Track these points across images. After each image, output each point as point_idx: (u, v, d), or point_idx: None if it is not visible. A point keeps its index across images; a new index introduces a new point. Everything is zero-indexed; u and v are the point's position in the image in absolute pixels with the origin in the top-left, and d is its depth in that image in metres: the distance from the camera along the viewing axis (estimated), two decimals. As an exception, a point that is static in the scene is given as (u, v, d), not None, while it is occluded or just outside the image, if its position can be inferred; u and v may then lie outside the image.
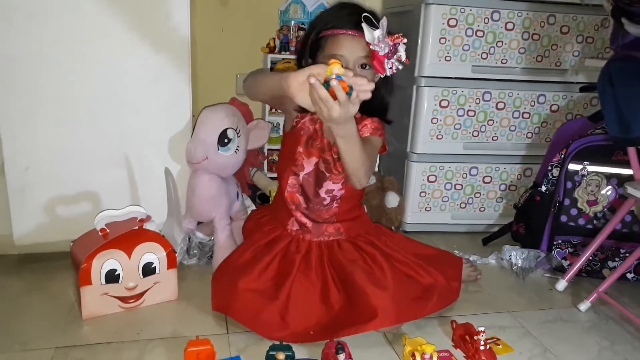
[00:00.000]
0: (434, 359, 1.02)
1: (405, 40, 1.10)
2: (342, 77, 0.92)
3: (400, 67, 1.12)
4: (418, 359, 1.02)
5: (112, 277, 1.20)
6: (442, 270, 1.29)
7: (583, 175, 1.52)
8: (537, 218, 1.60)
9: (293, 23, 1.95)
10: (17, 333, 1.13)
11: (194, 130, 1.42)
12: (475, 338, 1.09)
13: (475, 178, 1.80)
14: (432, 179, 1.77)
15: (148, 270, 1.25)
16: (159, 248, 1.26)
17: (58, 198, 1.43)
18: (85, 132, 1.40)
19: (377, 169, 1.92)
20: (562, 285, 1.45)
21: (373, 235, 1.32)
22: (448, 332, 1.21)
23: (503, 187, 1.83)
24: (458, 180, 1.79)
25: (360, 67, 1.17)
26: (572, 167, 1.52)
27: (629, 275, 1.52)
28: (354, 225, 1.32)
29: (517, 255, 1.56)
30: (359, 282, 1.15)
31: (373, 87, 0.94)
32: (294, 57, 1.88)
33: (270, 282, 1.19)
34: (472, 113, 1.73)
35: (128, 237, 1.22)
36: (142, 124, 1.44)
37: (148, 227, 1.27)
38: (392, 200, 1.72)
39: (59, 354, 1.07)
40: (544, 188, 1.58)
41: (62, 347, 1.09)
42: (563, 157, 1.54)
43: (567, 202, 1.53)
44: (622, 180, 1.47)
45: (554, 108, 1.78)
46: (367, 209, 1.64)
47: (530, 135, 1.80)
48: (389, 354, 1.13)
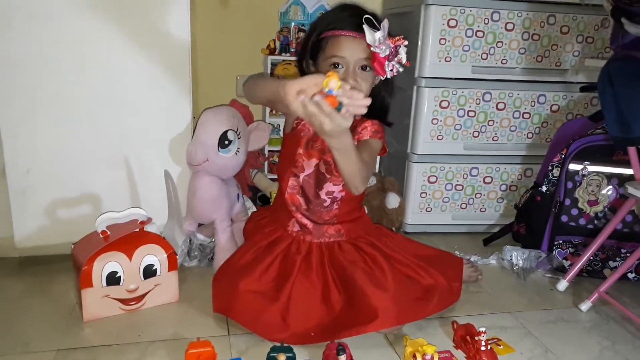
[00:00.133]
0: (435, 360, 1.02)
1: (407, 43, 1.11)
2: (332, 91, 0.88)
3: (401, 69, 1.12)
4: (419, 360, 1.02)
5: (113, 279, 1.20)
6: (442, 271, 1.29)
7: (584, 175, 1.52)
8: (537, 218, 1.60)
9: (293, 24, 1.96)
10: (18, 335, 1.14)
11: (195, 132, 1.42)
12: (476, 339, 1.09)
13: (476, 178, 1.80)
14: (432, 180, 1.77)
15: (149, 273, 1.25)
16: (160, 250, 1.26)
17: (59, 200, 1.43)
18: (86, 134, 1.41)
19: (377, 170, 1.92)
20: (563, 286, 1.45)
21: (374, 237, 1.32)
22: (449, 332, 1.21)
23: (504, 187, 1.83)
24: (459, 181, 1.79)
25: (361, 68, 1.17)
26: (572, 167, 1.52)
27: (630, 275, 1.52)
28: (355, 227, 1.32)
29: (518, 256, 1.56)
30: (360, 283, 1.15)
31: (369, 102, 0.91)
32: (295, 58, 1.89)
33: (271, 283, 1.19)
34: (472, 113, 1.73)
35: (129, 239, 1.23)
36: (142, 126, 1.44)
37: (149, 229, 1.27)
38: (392, 201, 1.72)
39: (60, 356, 1.07)
40: (545, 188, 1.58)
41: (63, 349, 1.09)
42: (563, 157, 1.54)
43: (567, 202, 1.53)
44: (622, 180, 1.47)
45: (555, 108, 1.78)
46: (367, 210, 1.64)
47: (531, 136, 1.80)
48: (390, 355, 1.13)
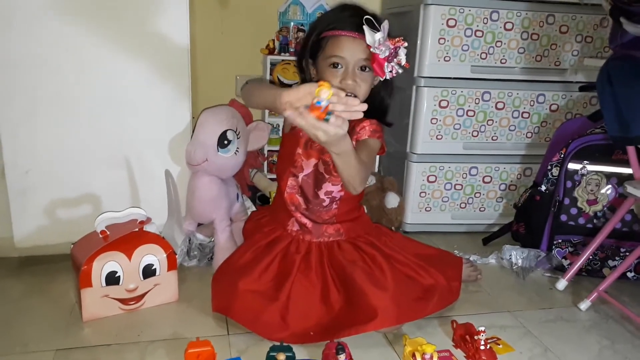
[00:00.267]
0: (435, 359, 1.02)
1: (406, 44, 1.10)
2: (321, 102, 0.87)
3: (400, 70, 1.12)
4: (418, 359, 1.02)
5: (112, 279, 1.20)
6: (442, 271, 1.29)
7: (583, 175, 1.52)
8: (537, 217, 1.60)
9: (292, 24, 1.96)
10: (17, 335, 1.14)
11: (194, 132, 1.42)
12: (476, 338, 1.09)
13: (475, 178, 1.80)
14: (432, 179, 1.77)
15: (148, 272, 1.25)
16: (159, 250, 1.26)
17: (58, 200, 1.43)
18: (86, 134, 1.41)
19: (376, 170, 1.92)
20: (562, 285, 1.45)
21: (373, 236, 1.32)
22: (448, 332, 1.21)
23: (503, 186, 1.83)
24: (458, 180, 1.79)
25: (360, 69, 1.17)
26: (571, 166, 1.52)
27: (629, 274, 1.52)
28: (354, 226, 1.32)
29: (517, 255, 1.56)
30: (359, 282, 1.15)
31: (365, 107, 0.90)
32: (294, 58, 1.89)
33: (271, 282, 1.19)
34: (471, 113, 1.73)
35: (128, 239, 1.23)
36: (142, 126, 1.44)
37: (148, 229, 1.27)
38: (392, 201, 1.72)
39: (60, 356, 1.07)
40: (544, 187, 1.58)
41: (62, 349, 1.09)
42: (563, 156, 1.54)
43: (567, 201, 1.53)
44: (621, 179, 1.47)
45: (554, 107, 1.78)
46: (367, 210, 1.64)
47: (530, 135, 1.80)
48: (390, 355, 1.13)
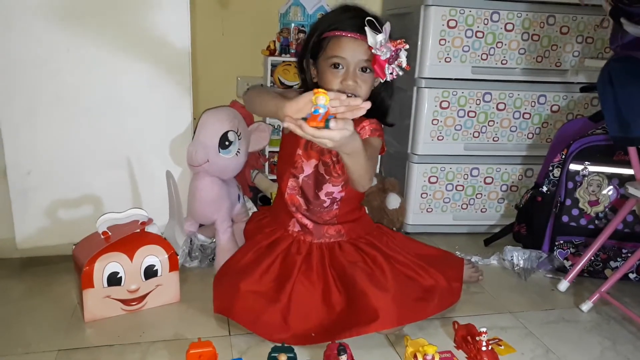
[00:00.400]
0: (436, 360, 1.02)
1: (407, 47, 1.10)
2: (318, 111, 0.87)
3: (401, 73, 1.12)
4: (420, 360, 1.02)
5: (114, 280, 1.20)
6: (443, 272, 1.29)
7: (584, 176, 1.52)
8: (538, 218, 1.60)
9: (293, 25, 1.96)
10: (19, 336, 1.14)
11: (195, 133, 1.43)
12: (477, 339, 1.09)
13: (477, 179, 1.80)
14: (433, 180, 1.77)
15: (150, 273, 1.25)
16: (161, 251, 1.26)
17: (60, 201, 1.43)
18: (87, 135, 1.41)
19: (378, 171, 1.92)
20: (564, 286, 1.45)
21: (374, 236, 1.32)
22: (450, 333, 1.21)
23: (504, 187, 1.83)
24: (459, 181, 1.79)
25: (361, 70, 1.17)
26: (573, 167, 1.52)
27: (631, 275, 1.52)
28: (355, 227, 1.32)
29: (518, 256, 1.56)
30: (360, 283, 1.15)
31: (369, 105, 0.90)
32: (295, 59, 1.89)
33: (272, 284, 1.20)
34: (472, 114, 1.73)
35: (130, 240, 1.23)
36: (143, 127, 1.44)
37: (150, 230, 1.27)
38: (393, 202, 1.72)
39: (62, 357, 1.07)
40: (545, 188, 1.58)
41: (64, 349, 1.09)
42: (564, 157, 1.54)
43: (568, 202, 1.53)
44: (623, 180, 1.47)
45: (555, 108, 1.78)
46: (368, 211, 1.64)
47: (531, 136, 1.80)
48: (391, 356, 1.13)
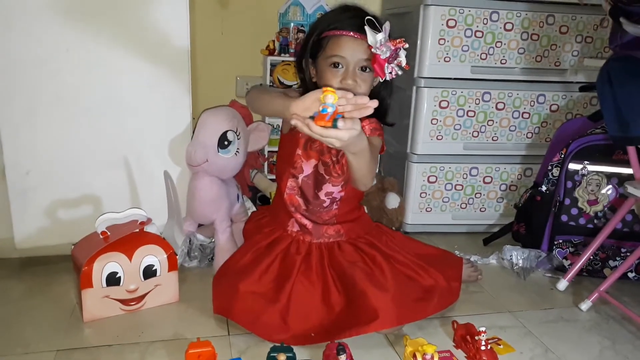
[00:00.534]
0: (435, 360, 1.02)
1: (407, 46, 1.10)
2: (327, 110, 0.87)
3: (400, 72, 1.12)
4: (419, 360, 1.02)
5: (113, 279, 1.20)
6: (442, 271, 1.29)
7: (583, 175, 1.52)
8: (537, 218, 1.60)
9: (292, 25, 1.96)
10: (18, 336, 1.14)
11: (194, 133, 1.43)
12: (477, 338, 1.09)
13: (476, 178, 1.80)
14: (432, 180, 1.77)
15: (149, 273, 1.25)
16: (160, 250, 1.26)
17: (59, 201, 1.43)
18: (86, 134, 1.41)
19: (377, 170, 1.92)
20: (563, 285, 1.45)
21: (373, 236, 1.32)
22: (449, 332, 1.21)
23: (503, 187, 1.83)
24: (458, 181, 1.79)
25: (361, 69, 1.17)
26: (572, 166, 1.52)
27: (630, 275, 1.52)
28: (354, 227, 1.32)
29: (518, 255, 1.56)
30: (360, 283, 1.15)
31: (376, 104, 0.90)
32: (294, 59, 1.89)
33: (271, 284, 1.19)
34: (471, 113, 1.73)
35: (129, 239, 1.23)
36: (142, 127, 1.44)
37: (149, 229, 1.27)
38: (392, 201, 1.72)
39: (61, 357, 1.07)
40: (545, 188, 1.58)
41: (63, 349, 1.09)
42: (563, 156, 1.54)
43: (567, 201, 1.53)
44: (622, 180, 1.47)
45: (554, 108, 1.78)
46: (367, 210, 1.64)
47: (530, 135, 1.80)
48: (391, 355, 1.13)
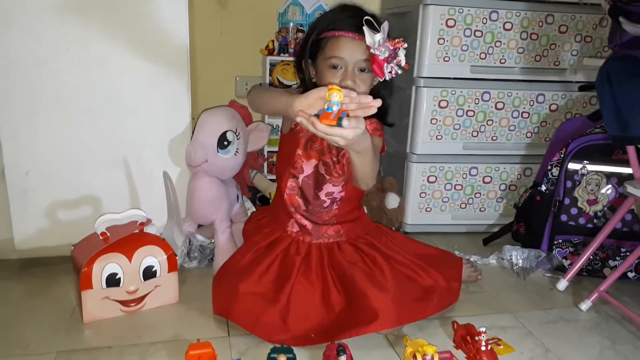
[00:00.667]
0: (435, 360, 1.02)
1: (406, 45, 1.09)
2: (332, 108, 0.87)
3: (400, 71, 1.11)
4: (419, 360, 1.02)
5: (113, 280, 1.20)
6: (442, 271, 1.29)
7: (583, 175, 1.52)
8: (537, 218, 1.60)
9: (292, 25, 1.95)
10: (18, 337, 1.14)
11: (194, 133, 1.42)
12: (477, 339, 1.09)
13: (475, 178, 1.80)
14: (432, 180, 1.77)
15: (149, 274, 1.25)
16: (160, 251, 1.26)
17: (59, 202, 1.43)
18: (86, 135, 1.41)
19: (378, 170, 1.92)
20: (563, 285, 1.45)
21: (373, 236, 1.32)
22: (449, 333, 1.21)
23: (503, 187, 1.83)
24: (458, 181, 1.79)
25: (360, 70, 1.16)
26: (571, 166, 1.52)
27: (630, 274, 1.52)
28: (354, 227, 1.32)
29: (517, 255, 1.56)
30: (360, 284, 1.15)
31: (379, 103, 0.90)
32: (293, 59, 1.89)
33: (271, 284, 1.19)
34: (471, 113, 1.73)
35: (129, 240, 1.23)
36: (142, 127, 1.44)
37: (148, 230, 1.27)
38: (392, 202, 1.72)
39: (60, 358, 1.07)
40: (544, 187, 1.58)
41: (63, 351, 1.09)
42: (563, 156, 1.54)
43: (567, 201, 1.53)
44: (622, 179, 1.47)
45: (553, 107, 1.78)
46: (367, 210, 1.64)
47: (530, 135, 1.80)
48: (391, 356, 1.13)
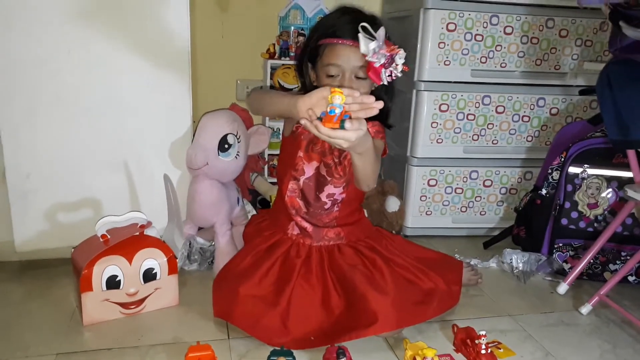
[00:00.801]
0: (435, 363, 1.02)
1: (402, 52, 1.06)
2: (334, 111, 0.88)
3: (400, 74, 1.10)
4: (419, 364, 1.02)
5: (113, 283, 1.20)
6: (442, 275, 1.29)
7: (583, 178, 1.52)
8: (537, 221, 1.60)
9: (293, 29, 1.96)
10: (18, 339, 1.14)
11: (195, 136, 1.43)
12: (477, 342, 1.09)
13: (476, 182, 1.80)
14: (432, 183, 1.77)
15: (149, 276, 1.25)
16: (160, 254, 1.26)
17: (59, 204, 1.43)
18: (86, 137, 1.41)
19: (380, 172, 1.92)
20: (563, 289, 1.45)
21: (373, 239, 1.32)
22: (449, 336, 1.20)
23: (503, 190, 1.83)
24: (458, 184, 1.79)
25: (356, 77, 1.16)
26: (572, 170, 1.52)
27: (630, 278, 1.52)
28: (355, 230, 1.32)
29: (518, 259, 1.56)
30: (360, 287, 1.15)
31: (381, 105, 0.91)
32: (294, 62, 1.89)
33: (271, 287, 1.19)
34: (471, 117, 1.73)
35: (129, 243, 1.23)
36: (143, 130, 1.45)
37: (149, 233, 1.27)
38: (392, 205, 1.72)
39: (60, 361, 1.07)
40: (545, 191, 1.58)
41: (63, 353, 1.09)
42: (563, 160, 1.54)
43: (567, 205, 1.53)
44: (622, 183, 1.47)
45: (554, 111, 1.79)
46: (367, 213, 1.64)
47: (530, 139, 1.80)
48: (390, 359, 1.12)
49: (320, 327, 1.14)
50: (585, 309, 1.35)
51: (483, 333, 1.08)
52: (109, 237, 1.22)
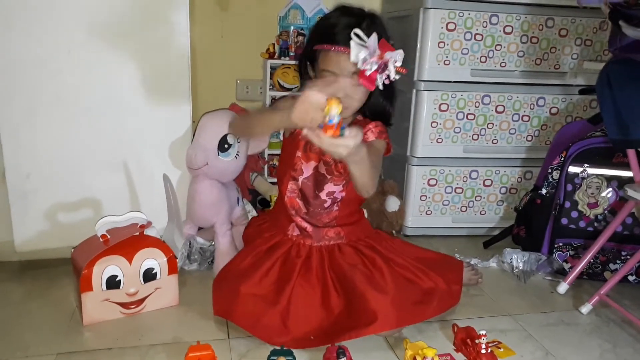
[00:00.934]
0: (435, 363, 1.02)
1: (399, 54, 1.03)
2: (332, 121, 0.90)
3: (397, 77, 1.07)
4: (419, 363, 1.02)
5: (113, 283, 1.20)
6: (442, 274, 1.29)
7: (583, 178, 1.52)
8: (537, 221, 1.60)
9: (292, 29, 1.96)
10: (18, 339, 1.14)
11: (194, 136, 1.43)
12: (477, 341, 1.09)
13: (476, 181, 1.80)
14: (432, 183, 1.77)
15: (149, 276, 1.25)
16: (160, 254, 1.26)
17: (59, 204, 1.43)
18: (86, 137, 1.41)
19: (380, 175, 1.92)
20: (563, 288, 1.45)
21: (373, 239, 1.32)
22: (449, 335, 1.20)
23: (503, 190, 1.83)
24: (458, 184, 1.79)
25: None
26: (572, 169, 1.52)
27: (631, 278, 1.52)
28: (355, 229, 1.32)
29: (518, 259, 1.56)
30: (360, 286, 1.15)
31: (351, 141, 0.92)
32: (294, 62, 1.89)
33: (272, 286, 1.19)
34: (471, 116, 1.73)
35: (129, 243, 1.23)
36: (142, 130, 1.45)
37: (149, 232, 1.27)
38: (392, 204, 1.72)
39: (60, 360, 1.07)
40: (545, 191, 1.58)
41: (63, 353, 1.09)
42: (563, 159, 1.54)
43: (567, 204, 1.53)
44: (622, 183, 1.47)
45: (554, 111, 1.79)
46: (367, 213, 1.64)
47: (530, 138, 1.80)
48: (390, 358, 1.12)
49: (320, 326, 1.15)
50: (586, 309, 1.35)
51: (483, 333, 1.08)
52: (109, 237, 1.22)
